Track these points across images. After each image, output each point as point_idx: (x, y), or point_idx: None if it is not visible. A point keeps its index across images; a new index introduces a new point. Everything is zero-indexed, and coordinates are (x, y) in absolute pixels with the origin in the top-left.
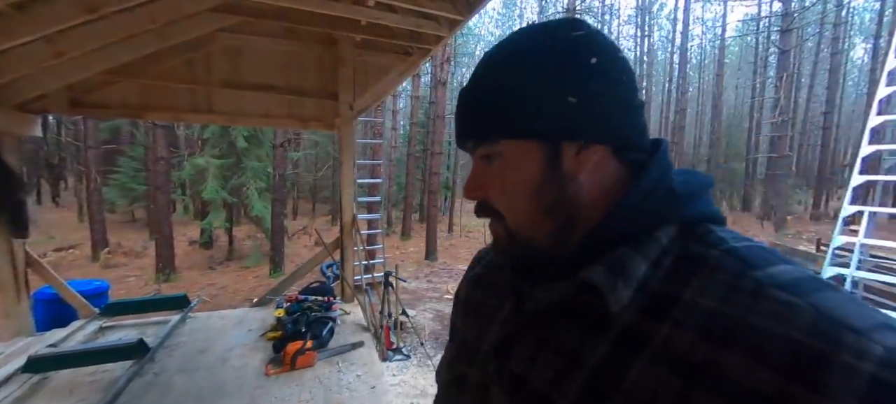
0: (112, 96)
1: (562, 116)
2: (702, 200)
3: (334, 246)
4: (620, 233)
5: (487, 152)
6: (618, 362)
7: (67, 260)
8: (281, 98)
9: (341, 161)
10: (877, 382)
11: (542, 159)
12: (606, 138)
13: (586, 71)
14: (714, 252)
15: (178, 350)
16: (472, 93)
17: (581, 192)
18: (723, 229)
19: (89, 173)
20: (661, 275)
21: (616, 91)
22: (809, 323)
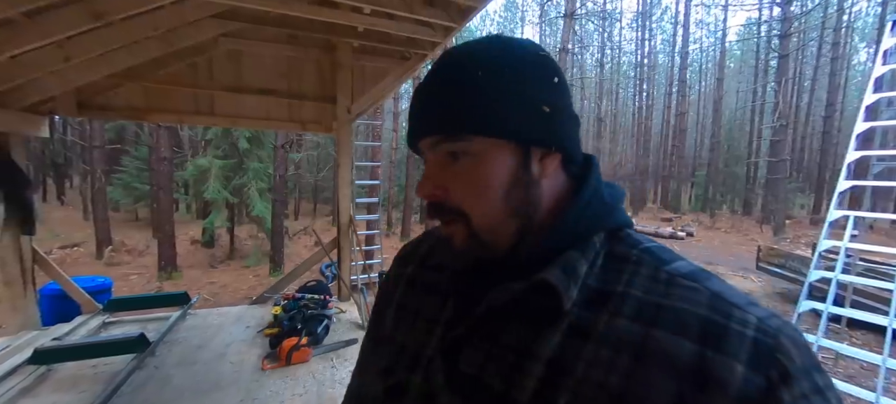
0: (117, 99)
1: (535, 122)
2: (620, 209)
3: (332, 246)
4: (569, 238)
5: (455, 149)
6: (570, 351)
7: (72, 257)
8: (281, 101)
9: (339, 163)
10: (756, 342)
11: (514, 161)
12: (562, 148)
13: (553, 86)
14: (634, 251)
15: (178, 345)
16: (445, 87)
17: (541, 197)
18: (636, 233)
19: (94, 172)
20: (596, 273)
21: (570, 108)
22: (708, 302)
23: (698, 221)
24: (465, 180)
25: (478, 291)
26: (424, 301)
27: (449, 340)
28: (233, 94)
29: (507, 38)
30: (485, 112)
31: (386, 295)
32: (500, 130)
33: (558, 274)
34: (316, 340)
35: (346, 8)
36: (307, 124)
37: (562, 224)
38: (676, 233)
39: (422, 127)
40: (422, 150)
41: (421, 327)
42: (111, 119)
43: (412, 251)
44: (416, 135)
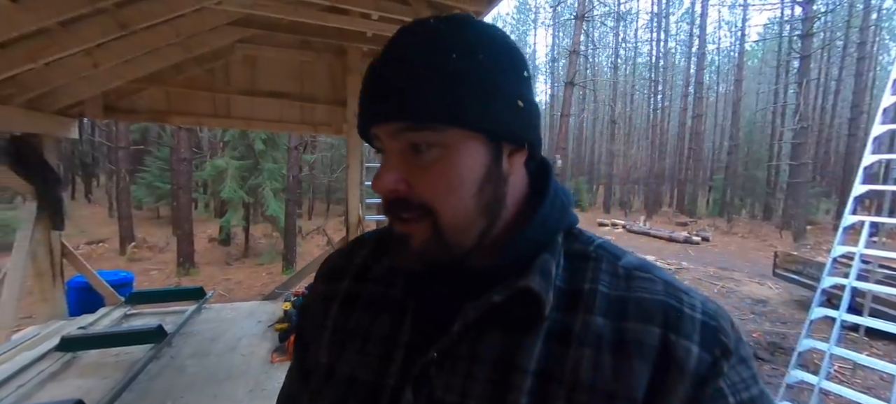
0: (141, 102)
1: (509, 116)
2: (572, 209)
3: (341, 244)
4: (539, 239)
5: (422, 140)
6: (555, 358)
7: (97, 252)
8: (293, 104)
9: (348, 164)
10: (704, 324)
11: (487, 155)
12: (528, 144)
13: (523, 79)
14: (591, 249)
15: (193, 337)
16: (413, 68)
17: (507, 194)
18: (584, 230)
19: (119, 172)
20: (562, 273)
21: (536, 103)
22: (664, 290)
23: (715, 226)
24: (435, 174)
25: (440, 304)
26: (372, 321)
27: (420, 366)
28: (248, 97)
29: (475, 21)
30: (461, 101)
31: (311, 319)
32: (477, 122)
33: (539, 280)
34: None
35: (356, 14)
36: (318, 126)
37: (533, 224)
38: (691, 237)
39: (382, 111)
40: (376, 138)
41: (373, 353)
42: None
43: (343, 264)
44: (372, 121)
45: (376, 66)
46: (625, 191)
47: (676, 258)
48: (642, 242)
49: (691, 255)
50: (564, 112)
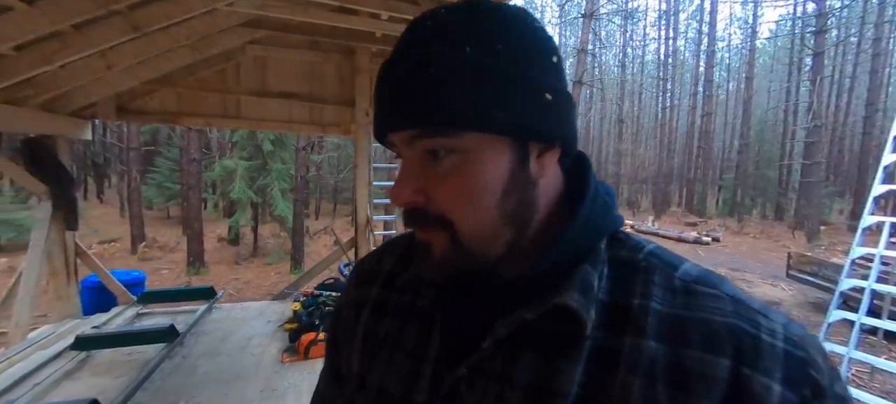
0: (152, 103)
1: (538, 112)
2: (616, 209)
3: (350, 245)
4: (577, 247)
5: (438, 146)
6: (597, 384)
7: (109, 252)
8: (302, 105)
9: (355, 164)
10: (788, 355)
11: (511, 158)
12: (561, 140)
13: (553, 66)
14: (640, 256)
15: (204, 336)
16: (424, 68)
17: (538, 199)
18: (632, 233)
19: (130, 172)
20: (606, 285)
21: (568, 92)
22: (733, 309)
23: (725, 226)
24: (452, 184)
25: (470, 317)
26: (401, 331)
27: (449, 384)
28: (258, 98)
29: (491, 5)
30: (479, 101)
31: (345, 323)
32: (498, 124)
33: (578, 297)
34: None
35: (365, 15)
36: (327, 127)
37: (571, 230)
38: (701, 237)
39: (395, 119)
40: (393, 143)
41: (402, 365)
42: (147, 122)
43: (373, 268)
44: (386, 128)
45: (386, 67)
46: (632, 191)
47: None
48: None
49: (701, 256)
50: None
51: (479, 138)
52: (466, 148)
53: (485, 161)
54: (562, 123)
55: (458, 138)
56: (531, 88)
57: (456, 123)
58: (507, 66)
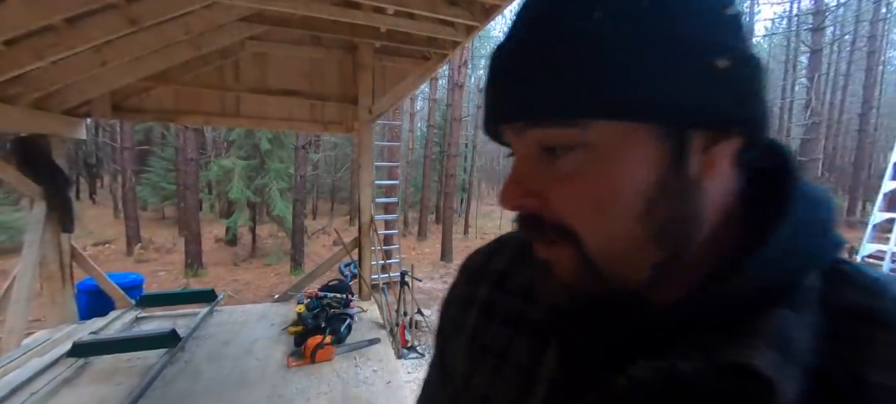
0: (149, 101)
1: (701, 88)
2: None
3: (353, 245)
4: (769, 281)
5: (555, 140)
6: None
7: (104, 254)
8: (303, 102)
9: (360, 163)
10: None
11: (661, 154)
12: (742, 125)
13: (730, 21)
14: (882, 303)
15: (207, 341)
16: (540, 45)
17: (703, 209)
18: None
19: (125, 172)
20: (818, 345)
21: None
22: None
23: None
24: (574, 188)
25: (599, 339)
26: (510, 341)
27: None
28: (258, 95)
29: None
30: (610, 79)
31: (451, 318)
32: (638, 108)
33: (771, 356)
34: (339, 339)
35: (369, 8)
36: (329, 125)
37: (758, 258)
38: None
39: (505, 108)
40: (505, 136)
41: (508, 377)
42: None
43: (481, 266)
44: (495, 119)
45: (500, 48)
46: None
47: None
48: None
49: None
50: None
51: (610, 129)
52: (592, 142)
53: (620, 158)
54: (743, 101)
55: (580, 129)
56: (692, 53)
57: (573, 110)
58: (654, 24)
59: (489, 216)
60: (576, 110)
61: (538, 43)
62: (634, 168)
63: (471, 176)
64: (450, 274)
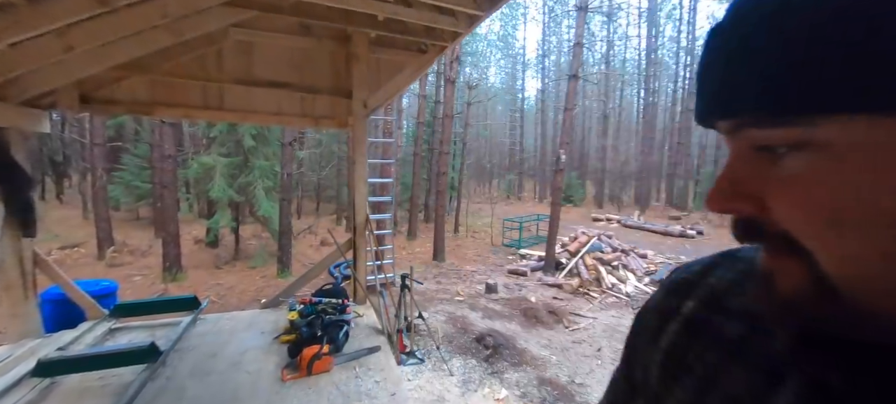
0: (121, 92)
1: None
2: None
3: (347, 246)
4: None
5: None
6: None
7: (72, 258)
8: (293, 95)
9: (353, 160)
10: None
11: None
12: None
13: None
14: None
15: (190, 353)
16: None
17: None
18: None
19: (95, 170)
20: None
21: None
22: None
23: (707, 220)
24: (799, 195)
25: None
26: (719, 367)
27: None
28: (243, 87)
29: None
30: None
31: (645, 329)
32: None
33: None
34: (337, 348)
35: None
36: (320, 119)
37: None
38: (686, 231)
39: (717, 101)
40: (718, 129)
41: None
42: (115, 114)
43: (695, 279)
44: (708, 113)
45: (714, 32)
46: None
47: (675, 252)
48: (638, 237)
49: (689, 249)
50: (568, 106)
51: (847, 126)
52: (822, 141)
53: (862, 161)
54: None
55: (810, 128)
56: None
57: (804, 105)
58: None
59: (478, 214)
60: (812, 106)
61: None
62: (886, 173)
63: (461, 174)
64: (443, 273)
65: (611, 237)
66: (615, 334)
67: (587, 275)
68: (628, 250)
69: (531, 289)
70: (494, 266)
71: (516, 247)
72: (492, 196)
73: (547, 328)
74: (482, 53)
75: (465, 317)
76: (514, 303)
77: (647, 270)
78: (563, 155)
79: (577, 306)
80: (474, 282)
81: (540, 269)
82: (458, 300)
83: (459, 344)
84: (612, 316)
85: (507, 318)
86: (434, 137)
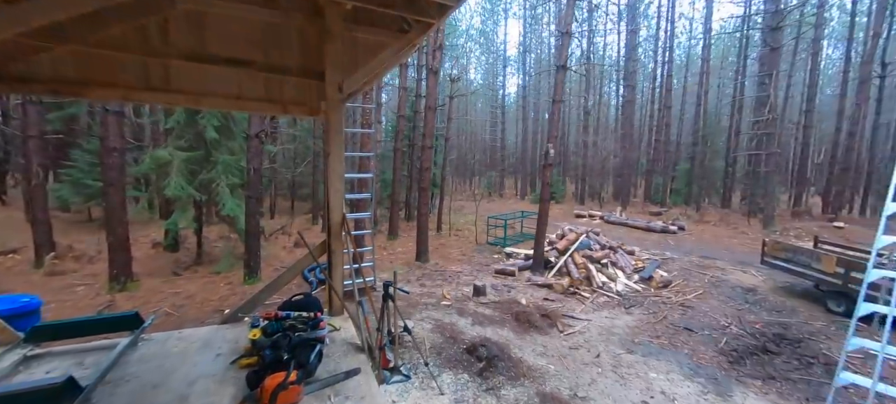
0: (41, 68)
1: None
2: None
3: (320, 250)
4: None
5: None
6: None
7: (5, 266)
8: (256, 76)
9: (327, 151)
10: None
11: None
12: None
13: None
14: None
15: (125, 386)
16: None
17: None
18: None
19: (30, 167)
20: None
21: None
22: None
23: (686, 215)
24: None
25: None
26: None
27: None
28: (194, 65)
29: None
30: None
31: None
32: None
33: None
34: (308, 373)
35: None
36: (289, 105)
37: None
38: (668, 227)
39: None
40: None
41: None
42: (34, 93)
43: None
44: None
45: None
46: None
47: (659, 248)
48: (622, 233)
49: (672, 245)
50: (556, 97)
51: None
52: None
53: None
54: None
55: None
56: None
57: None
58: None
59: (461, 212)
60: None
61: None
62: None
63: (444, 170)
64: (427, 275)
65: (598, 234)
66: (611, 337)
67: (577, 274)
68: (616, 247)
69: (520, 289)
70: (480, 265)
71: (501, 245)
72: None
73: (541, 333)
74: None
75: (454, 325)
76: (505, 306)
77: (636, 267)
78: (552, 149)
79: (569, 307)
80: (461, 283)
81: (528, 268)
82: (444, 304)
83: (449, 355)
84: (605, 318)
85: (498, 324)
86: (415, 132)
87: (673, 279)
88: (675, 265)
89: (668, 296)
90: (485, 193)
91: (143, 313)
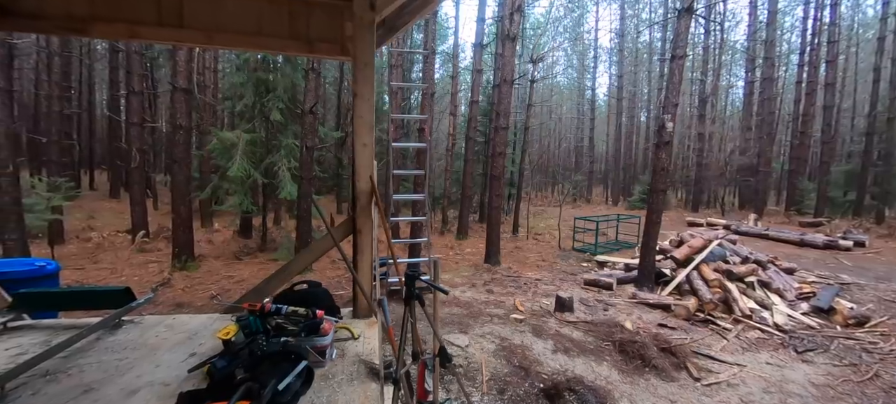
0: (51, 4)
1: None
2: None
3: (342, 230)
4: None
5: None
6: None
7: (111, 241)
8: (279, 9)
9: (354, 93)
10: None
11: None
12: None
13: None
14: None
15: (54, 385)
16: None
17: None
18: None
19: (130, 149)
20: None
21: None
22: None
23: (863, 227)
24: None
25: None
26: None
27: None
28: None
29: None
30: None
31: None
32: None
33: None
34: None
35: None
36: (315, 43)
37: None
38: (837, 241)
39: None
40: None
41: None
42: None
43: None
44: None
45: None
46: (714, 185)
47: (828, 269)
48: (762, 247)
49: (848, 266)
50: (678, 52)
51: None
52: None
53: None
54: None
55: None
56: None
57: None
58: None
59: (541, 216)
60: None
61: None
62: None
63: (521, 166)
64: (496, 280)
65: (735, 242)
66: (789, 399)
67: (709, 295)
68: (766, 261)
69: (623, 308)
70: (564, 274)
71: (591, 252)
72: (559, 193)
73: (663, 378)
74: (546, 31)
75: (527, 348)
76: (602, 329)
77: (801, 291)
78: (670, 121)
79: (702, 341)
80: (538, 293)
81: (631, 282)
82: (516, 318)
83: (517, 397)
84: (767, 365)
85: (593, 355)
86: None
87: (870, 314)
88: (867, 295)
89: (870, 341)
90: (570, 197)
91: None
